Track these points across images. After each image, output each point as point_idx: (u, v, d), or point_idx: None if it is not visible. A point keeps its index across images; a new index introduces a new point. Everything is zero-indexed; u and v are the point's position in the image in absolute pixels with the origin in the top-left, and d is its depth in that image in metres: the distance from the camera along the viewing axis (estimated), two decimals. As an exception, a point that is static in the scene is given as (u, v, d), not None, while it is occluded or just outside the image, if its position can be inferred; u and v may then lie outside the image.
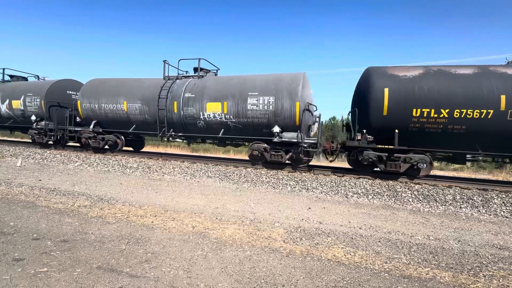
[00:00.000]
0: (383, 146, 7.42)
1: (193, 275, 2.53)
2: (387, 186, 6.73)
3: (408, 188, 6.58)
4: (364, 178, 7.40)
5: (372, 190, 6.59)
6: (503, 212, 5.53)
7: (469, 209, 5.69)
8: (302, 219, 4.56)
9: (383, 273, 2.77)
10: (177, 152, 17.87)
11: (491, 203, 5.82)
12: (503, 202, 5.82)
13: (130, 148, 12.12)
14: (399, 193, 6.39)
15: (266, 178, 7.48)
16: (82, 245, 3.06)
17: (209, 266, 2.72)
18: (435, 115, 6.60)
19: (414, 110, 6.70)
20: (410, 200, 6.14)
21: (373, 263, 2.99)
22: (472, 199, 5.99)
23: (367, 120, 7.20)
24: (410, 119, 6.76)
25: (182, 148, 20.64)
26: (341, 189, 6.72)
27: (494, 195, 6.13)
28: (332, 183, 7.02)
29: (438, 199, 6.09)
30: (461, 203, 5.91)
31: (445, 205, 5.89)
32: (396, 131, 6.89)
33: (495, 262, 3.20)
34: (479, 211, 5.62)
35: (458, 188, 6.58)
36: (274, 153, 8.15)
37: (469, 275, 2.81)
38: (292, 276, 2.61)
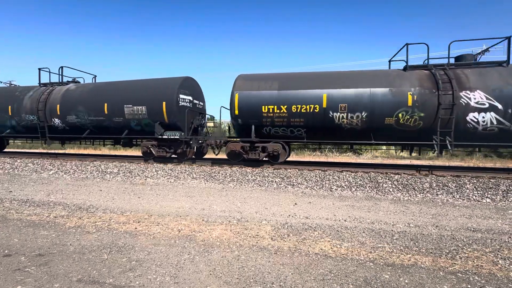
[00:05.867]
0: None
1: (181, 280, 2.47)
2: (369, 178, 6.95)
3: (388, 179, 6.84)
4: (347, 171, 7.61)
5: (355, 183, 6.78)
6: (475, 196, 5.89)
7: (445, 195, 6.01)
8: (289, 215, 4.60)
9: (368, 262, 2.85)
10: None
11: (464, 189, 6.18)
12: (475, 187, 6.21)
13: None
14: (380, 184, 6.62)
15: (251, 177, 7.47)
16: (60, 258, 2.89)
17: (196, 270, 2.67)
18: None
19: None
20: (391, 190, 6.39)
21: (359, 253, 3.07)
22: (447, 186, 6.33)
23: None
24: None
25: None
26: (325, 183, 6.85)
27: (466, 180, 6.52)
28: (316, 178, 7.14)
29: (416, 187, 6.38)
30: (437, 190, 6.23)
31: (423, 193, 6.18)
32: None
33: (469, 244, 3.40)
34: (453, 196, 5.96)
35: (434, 176, 6.93)
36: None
37: (447, 258, 2.97)
38: (281, 273, 2.62)
